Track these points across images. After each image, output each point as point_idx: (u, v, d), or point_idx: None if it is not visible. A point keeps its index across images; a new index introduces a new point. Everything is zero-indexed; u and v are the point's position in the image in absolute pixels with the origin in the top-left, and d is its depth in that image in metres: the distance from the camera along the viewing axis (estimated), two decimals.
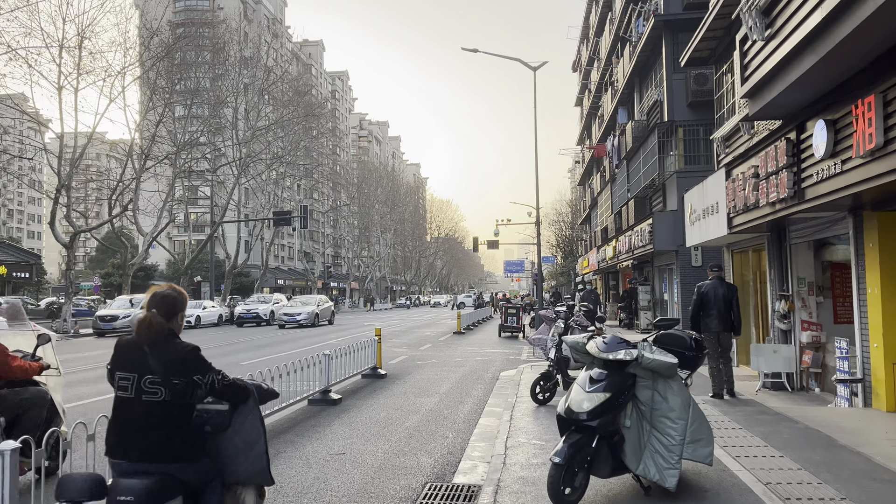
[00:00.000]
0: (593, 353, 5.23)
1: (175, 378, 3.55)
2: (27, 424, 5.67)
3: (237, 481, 3.89)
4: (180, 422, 3.59)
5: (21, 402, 5.80)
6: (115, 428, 3.63)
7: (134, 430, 3.54)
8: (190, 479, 3.60)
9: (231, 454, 3.85)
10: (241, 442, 3.87)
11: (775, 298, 12.20)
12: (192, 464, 3.61)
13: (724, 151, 15.48)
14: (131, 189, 36.19)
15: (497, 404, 10.19)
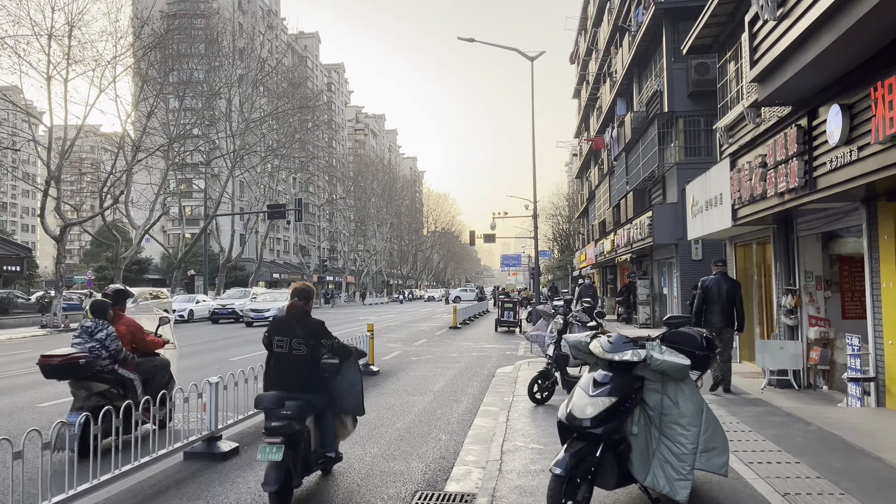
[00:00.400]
0: (597, 354, 4.79)
1: (311, 340, 5.73)
2: (155, 384, 7.85)
3: (342, 411, 6.23)
4: (313, 369, 5.75)
5: (152, 368, 8.04)
6: (274, 373, 5.79)
7: (287, 373, 5.69)
8: (317, 405, 5.76)
9: (340, 392, 6.13)
10: (346, 384, 6.18)
11: (781, 293, 11.78)
12: (319, 395, 5.77)
13: (728, 142, 15.03)
14: (123, 182, 35.62)
15: (493, 403, 9.76)
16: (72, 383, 7.23)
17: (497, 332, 25.93)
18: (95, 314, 7.48)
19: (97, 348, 7.19)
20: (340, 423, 6.26)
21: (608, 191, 35.72)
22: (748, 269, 14.83)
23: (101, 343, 7.24)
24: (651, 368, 4.64)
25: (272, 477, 5.19)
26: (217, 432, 7.12)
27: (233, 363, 15.61)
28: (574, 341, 5.01)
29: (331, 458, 6.03)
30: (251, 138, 46.89)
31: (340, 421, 6.25)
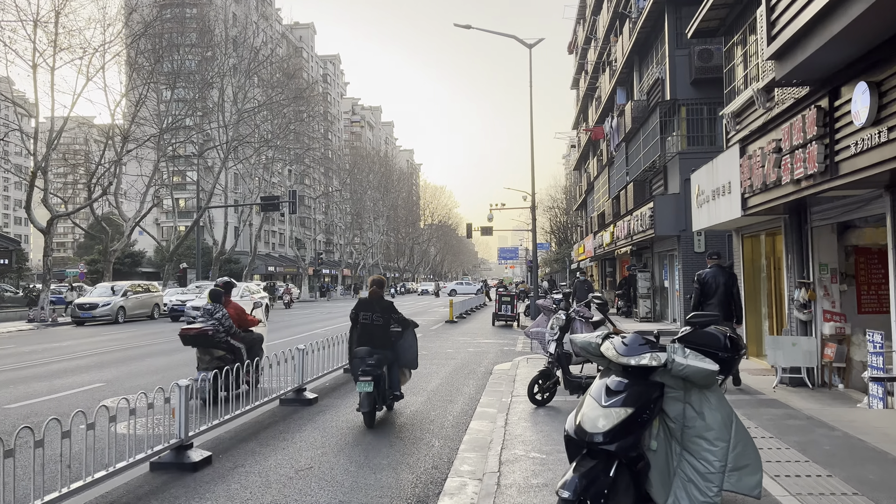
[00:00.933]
0: (610, 358, 4.17)
1: (385, 315, 8.36)
2: (252, 354, 9.60)
3: (403, 364, 8.71)
4: (386, 333, 8.34)
5: (251, 340, 10.08)
6: (362, 337, 8.33)
7: (371, 337, 8.22)
8: (389, 358, 8.26)
9: (402, 350, 8.61)
10: (406, 345, 8.67)
11: (794, 286, 11.18)
12: (391, 351, 8.32)
13: (735, 128, 14.40)
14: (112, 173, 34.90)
15: (490, 404, 9.15)
16: (199, 350, 9.57)
17: (494, 326, 25.34)
18: (213, 299, 9.80)
19: (216, 324, 9.38)
20: (402, 373, 8.90)
21: (607, 182, 35.09)
22: (756, 262, 14.23)
23: (219, 321, 9.43)
24: (673, 374, 4.03)
25: (365, 402, 7.94)
26: (303, 385, 9.65)
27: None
28: (583, 343, 4.40)
29: (397, 395, 8.68)
30: (244, 129, 46.12)
31: (402, 371, 8.89)
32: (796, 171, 8.85)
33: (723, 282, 10.34)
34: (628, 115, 26.43)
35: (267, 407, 8.86)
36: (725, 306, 10.28)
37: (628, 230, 24.92)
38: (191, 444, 6.44)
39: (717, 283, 10.33)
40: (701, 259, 20.20)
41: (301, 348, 9.49)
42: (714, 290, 10.31)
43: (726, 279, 10.39)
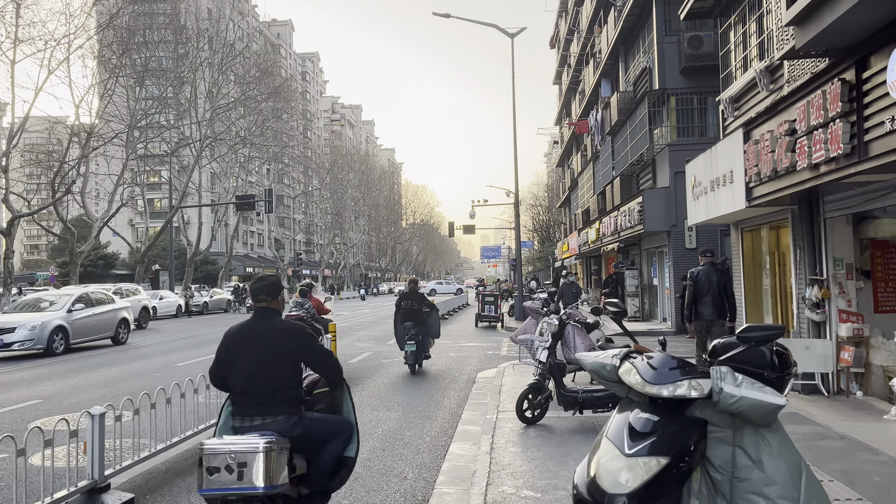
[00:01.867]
0: (633, 385, 3.10)
1: (419, 302, 13.31)
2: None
3: (430, 335, 13.55)
4: (421, 314, 13.14)
5: (324, 322, 12.45)
6: (405, 317, 13.05)
7: (412, 316, 13.01)
8: (422, 331, 13.04)
9: (430, 324, 13.43)
10: (432, 321, 13.58)
11: (805, 284, 10.20)
12: (423, 326, 13.13)
13: (733, 114, 13.44)
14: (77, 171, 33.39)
15: (474, 420, 8.07)
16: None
17: (478, 327, 24.30)
18: (302, 295, 12.98)
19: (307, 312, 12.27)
20: (430, 342, 13.48)
21: (592, 177, 34.15)
22: (757, 257, 13.27)
23: (307, 310, 12.41)
24: (719, 408, 2.97)
25: (411, 357, 12.64)
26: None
27: (181, 367, 13.81)
28: (595, 364, 3.32)
29: (427, 356, 13.20)
30: (219, 126, 44.68)
31: (430, 341, 13.50)
32: (815, 155, 7.85)
33: (716, 280, 10.15)
34: (614, 108, 25.47)
35: None
36: (719, 304, 10.12)
37: (615, 226, 23.96)
38: (107, 486, 5.28)
39: (711, 280, 10.14)
40: (692, 256, 19.27)
41: None
42: (707, 288, 10.13)
43: (719, 277, 10.21)
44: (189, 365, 14.31)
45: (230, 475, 3.68)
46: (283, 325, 4.36)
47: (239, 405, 4.21)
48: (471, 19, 26.53)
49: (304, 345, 4.31)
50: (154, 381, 11.96)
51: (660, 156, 21.62)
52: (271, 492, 3.75)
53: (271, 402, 4.11)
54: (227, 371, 4.33)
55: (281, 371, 4.17)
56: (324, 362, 4.43)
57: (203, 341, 20.15)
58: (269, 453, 3.73)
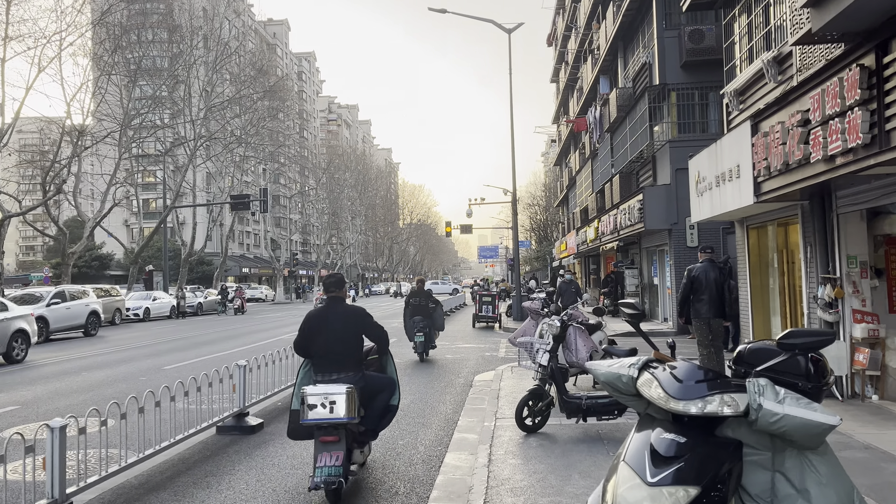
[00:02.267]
0: (655, 401, 2.66)
1: (426, 298, 15.05)
2: None
3: (436, 328, 15.37)
4: (429, 309, 14.83)
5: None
6: (413, 312, 14.67)
7: (420, 311, 14.66)
8: (430, 325, 14.78)
9: (435, 318, 15.23)
10: (438, 316, 15.49)
11: (817, 283, 9.77)
12: (430, 320, 14.85)
13: (738, 108, 13.02)
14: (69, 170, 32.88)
15: (471, 428, 7.63)
16: None
17: (475, 328, 23.86)
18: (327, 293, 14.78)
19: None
20: (435, 334, 15.20)
21: (590, 176, 33.74)
22: (763, 255, 12.85)
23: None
24: (758, 428, 2.53)
25: (420, 347, 14.28)
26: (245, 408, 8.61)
27: (168, 371, 13.34)
28: (609, 375, 2.88)
29: (434, 346, 14.95)
30: (214, 125, 44.16)
31: (436, 333, 15.25)
32: (831, 146, 7.41)
33: (714, 277, 9.93)
34: (613, 104, 25.04)
35: (200, 437, 7.28)
36: (717, 302, 9.91)
37: (615, 225, 23.53)
38: None
39: (709, 278, 9.92)
40: (694, 254, 18.82)
41: (243, 364, 7.88)
42: (705, 285, 9.92)
43: (717, 275, 9.99)
44: (177, 368, 13.85)
45: (324, 410, 5.28)
46: (349, 308, 6.07)
47: (319, 365, 5.80)
48: (467, 14, 26.04)
49: (365, 322, 6.00)
50: (140, 385, 11.53)
51: (660, 152, 21.19)
52: (349, 422, 5.35)
53: (344, 363, 5.74)
54: (310, 342, 5.88)
55: (350, 341, 5.85)
56: (377, 335, 6.09)
57: (194, 343, 19.67)
58: (349, 395, 5.34)
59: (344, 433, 5.36)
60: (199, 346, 18.87)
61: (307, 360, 6.01)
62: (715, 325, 10.01)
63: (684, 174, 19.52)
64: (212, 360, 14.89)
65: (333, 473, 5.19)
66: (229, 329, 25.48)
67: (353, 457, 5.73)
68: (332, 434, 5.31)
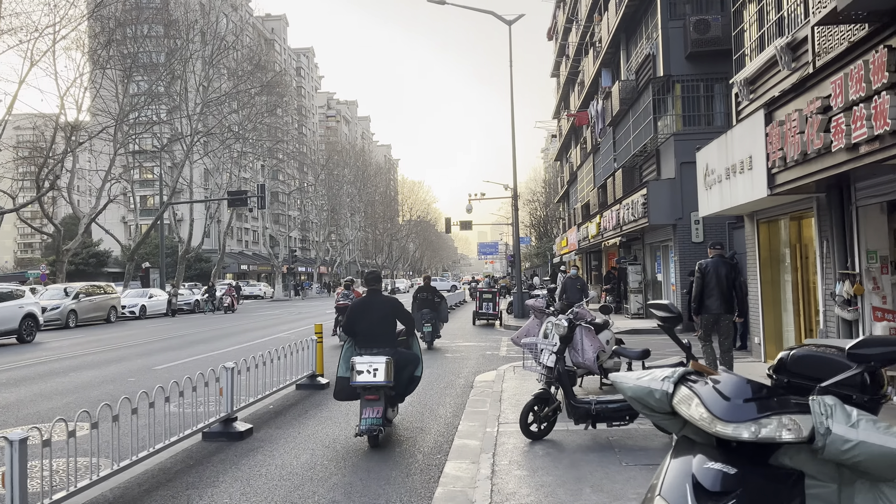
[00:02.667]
0: (698, 423, 2.21)
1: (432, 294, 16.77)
2: None
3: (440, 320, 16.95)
4: (435, 303, 16.52)
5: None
6: (421, 305, 16.36)
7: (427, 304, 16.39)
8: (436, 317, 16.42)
9: (441, 311, 16.78)
10: (443, 310, 16.93)
11: (834, 279, 9.33)
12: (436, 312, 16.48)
13: (748, 97, 12.57)
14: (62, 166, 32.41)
15: (472, 433, 7.19)
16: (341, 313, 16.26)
17: (475, 325, 23.42)
18: (346, 288, 18.28)
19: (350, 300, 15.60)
20: (440, 325, 16.53)
21: (592, 170, 33.27)
22: (775, 250, 12.40)
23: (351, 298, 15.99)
24: (824, 456, 2.08)
25: (428, 336, 15.84)
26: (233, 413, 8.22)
27: (158, 371, 12.91)
28: (638, 390, 2.43)
29: (438, 336, 16.24)
30: (211, 120, 43.68)
31: (441, 324, 16.66)
32: (855, 134, 6.96)
33: (724, 273, 9.76)
34: (615, 97, 24.57)
35: (184, 444, 6.84)
36: (727, 298, 9.77)
37: (617, 220, 23.08)
38: None
39: (719, 273, 9.76)
40: (699, 250, 18.44)
41: (230, 366, 7.44)
42: (715, 281, 9.78)
43: (727, 270, 9.82)
44: (168, 368, 13.42)
45: (369, 375, 6.76)
46: (386, 298, 7.67)
47: (363, 342, 7.23)
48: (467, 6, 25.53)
49: (398, 309, 7.53)
50: (127, 387, 11.10)
51: (664, 146, 20.73)
52: (387, 385, 6.79)
53: (382, 340, 7.19)
54: (356, 324, 7.34)
55: (387, 323, 7.33)
56: (407, 319, 7.67)
57: (188, 341, 19.22)
58: (388, 364, 6.80)
59: (382, 394, 6.86)
60: (193, 344, 18.43)
61: (350, 338, 7.46)
62: (724, 322, 9.82)
63: (689, 168, 19.08)
64: (205, 360, 14.46)
65: (375, 423, 6.74)
66: (225, 327, 25.05)
67: (388, 413, 7.15)
68: (374, 394, 6.83)
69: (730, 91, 19.76)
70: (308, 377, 10.41)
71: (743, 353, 13.65)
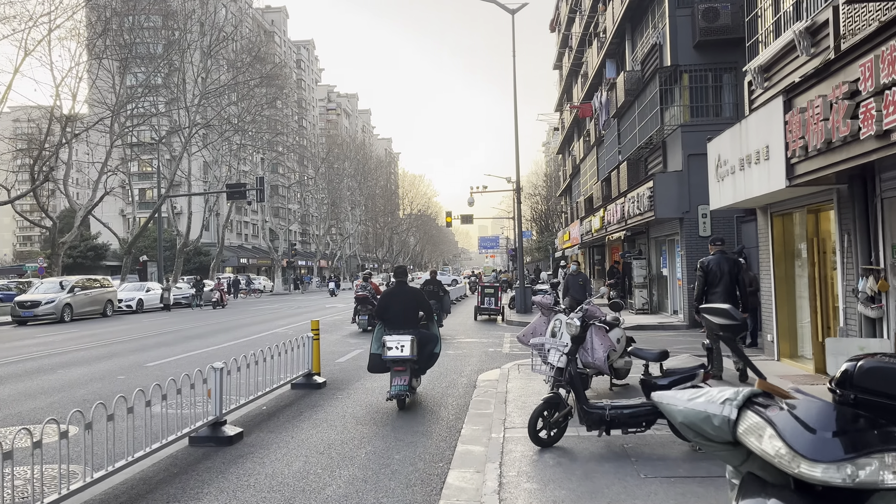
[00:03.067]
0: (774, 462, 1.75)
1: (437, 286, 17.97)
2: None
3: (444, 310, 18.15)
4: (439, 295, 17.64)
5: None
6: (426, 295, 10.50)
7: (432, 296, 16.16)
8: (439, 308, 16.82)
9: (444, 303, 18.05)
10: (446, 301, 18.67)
11: (857, 274, 8.88)
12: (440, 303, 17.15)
13: (763, 85, 12.09)
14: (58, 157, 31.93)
15: (476, 438, 6.75)
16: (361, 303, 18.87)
17: (477, 321, 22.97)
18: (365, 280, 20.08)
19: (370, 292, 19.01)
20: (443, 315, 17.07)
21: (595, 164, 32.78)
22: (789, 245, 11.93)
23: (369, 291, 19.19)
24: None
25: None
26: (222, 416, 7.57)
27: (150, 368, 12.47)
28: (692, 415, 1.97)
29: (441, 325, 14.51)
30: (209, 112, 43.17)
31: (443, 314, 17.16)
32: (887, 119, 6.50)
33: (727, 269, 9.79)
34: (621, 88, 24.06)
35: (170, 449, 6.40)
36: (731, 295, 9.69)
37: (622, 213, 22.61)
38: None
39: (722, 270, 9.79)
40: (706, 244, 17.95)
41: (219, 366, 6.99)
42: (719, 278, 9.77)
43: (731, 266, 9.84)
44: (160, 365, 12.98)
45: (397, 350, 8.20)
46: (411, 289, 9.30)
47: (391, 325, 8.70)
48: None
49: (421, 298, 9.13)
50: (116, 385, 10.67)
51: (671, 138, 20.24)
52: (412, 358, 8.23)
53: (407, 322, 8.67)
54: (387, 310, 8.82)
55: (412, 309, 8.81)
56: (427, 308, 9.11)
57: (184, 336, 18.78)
58: (412, 341, 8.26)
59: (408, 366, 8.36)
60: (187, 340, 18.00)
61: (380, 321, 8.98)
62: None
63: (697, 160, 18.62)
64: (198, 357, 14.03)
65: (402, 390, 8.29)
66: (222, 322, 24.61)
67: (412, 383, 8.60)
68: (402, 366, 8.34)
69: (739, 81, 19.34)
70: (304, 376, 9.96)
71: (754, 350, 13.22)
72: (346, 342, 16.70)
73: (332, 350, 14.88)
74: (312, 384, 10.01)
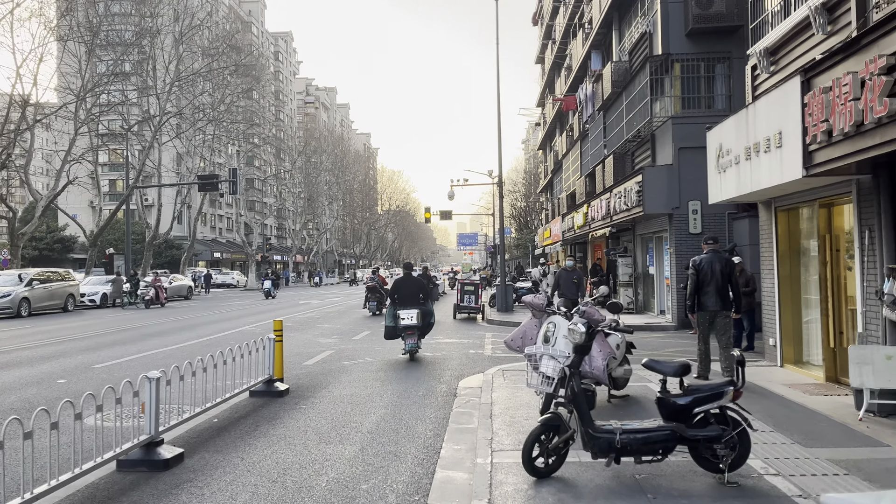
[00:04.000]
0: None
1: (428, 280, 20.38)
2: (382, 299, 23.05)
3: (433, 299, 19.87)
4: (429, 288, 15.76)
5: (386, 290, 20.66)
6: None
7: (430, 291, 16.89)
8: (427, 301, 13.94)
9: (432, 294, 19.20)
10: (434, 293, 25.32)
11: (881, 275, 8.00)
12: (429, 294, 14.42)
13: (769, 69, 11.22)
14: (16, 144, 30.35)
15: (459, 462, 5.75)
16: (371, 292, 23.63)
17: (456, 319, 21.98)
18: (374, 273, 25.43)
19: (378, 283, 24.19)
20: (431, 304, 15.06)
21: (579, 158, 31.91)
22: (795, 242, 11.08)
23: (377, 282, 24.18)
24: None
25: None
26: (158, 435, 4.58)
27: (97, 371, 11.31)
28: None
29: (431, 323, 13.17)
30: (182, 101, 41.64)
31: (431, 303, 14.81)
32: None
33: (719, 268, 9.48)
34: (607, 80, 23.17)
35: (90, 478, 5.31)
36: (723, 295, 9.45)
37: (607, 209, 21.72)
38: None
39: (714, 269, 9.47)
40: (696, 241, 17.15)
41: (155, 376, 5.89)
42: (710, 277, 9.46)
43: (723, 265, 9.52)
44: (109, 367, 11.82)
45: (409, 320, 12.28)
46: (415, 278, 13.29)
47: (402, 303, 12.50)
48: None
49: (422, 284, 13.23)
50: (54, 390, 9.54)
51: (660, 130, 19.38)
52: (418, 325, 12.34)
53: (413, 302, 12.59)
54: (398, 292, 12.76)
55: (417, 292, 12.82)
56: (429, 292, 13.42)
57: (143, 334, 17.54)
58: (419, 313, 12.37)
59: (416, 330, 12.28)
60: (147, 338, 16.79)
61: (391, 301, 12.68)
62: (721, 319, 9.40)
63: (688, 153, 17.80)
64: (154, 357, 12.89)
65: (414, 346, 12.39)
66: (187, 318, 23.37)
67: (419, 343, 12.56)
68: (412, 330, 12.25)
69: (732, 72, 18.54)
70: (265, 382, 8.89)
71: (752, 355, 12.36)
72: (315, 342, 15.60)
73: (300, 352, 13.80)
74: (273, 391, 8.93)
